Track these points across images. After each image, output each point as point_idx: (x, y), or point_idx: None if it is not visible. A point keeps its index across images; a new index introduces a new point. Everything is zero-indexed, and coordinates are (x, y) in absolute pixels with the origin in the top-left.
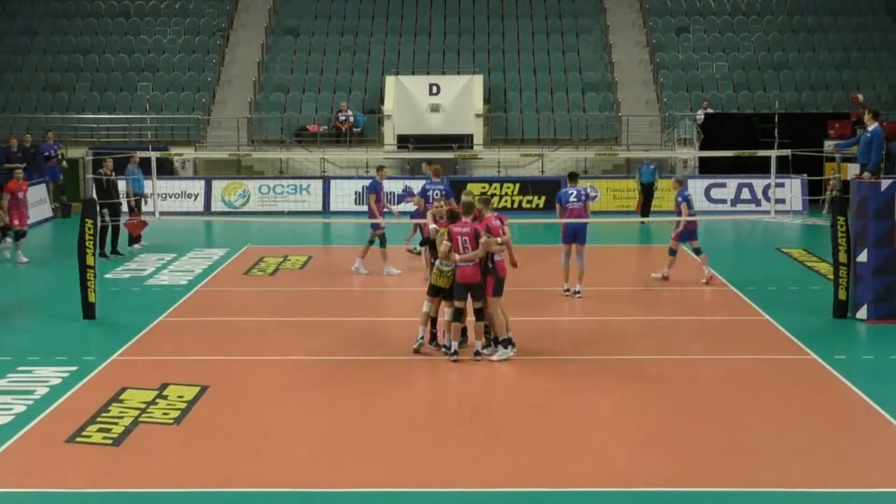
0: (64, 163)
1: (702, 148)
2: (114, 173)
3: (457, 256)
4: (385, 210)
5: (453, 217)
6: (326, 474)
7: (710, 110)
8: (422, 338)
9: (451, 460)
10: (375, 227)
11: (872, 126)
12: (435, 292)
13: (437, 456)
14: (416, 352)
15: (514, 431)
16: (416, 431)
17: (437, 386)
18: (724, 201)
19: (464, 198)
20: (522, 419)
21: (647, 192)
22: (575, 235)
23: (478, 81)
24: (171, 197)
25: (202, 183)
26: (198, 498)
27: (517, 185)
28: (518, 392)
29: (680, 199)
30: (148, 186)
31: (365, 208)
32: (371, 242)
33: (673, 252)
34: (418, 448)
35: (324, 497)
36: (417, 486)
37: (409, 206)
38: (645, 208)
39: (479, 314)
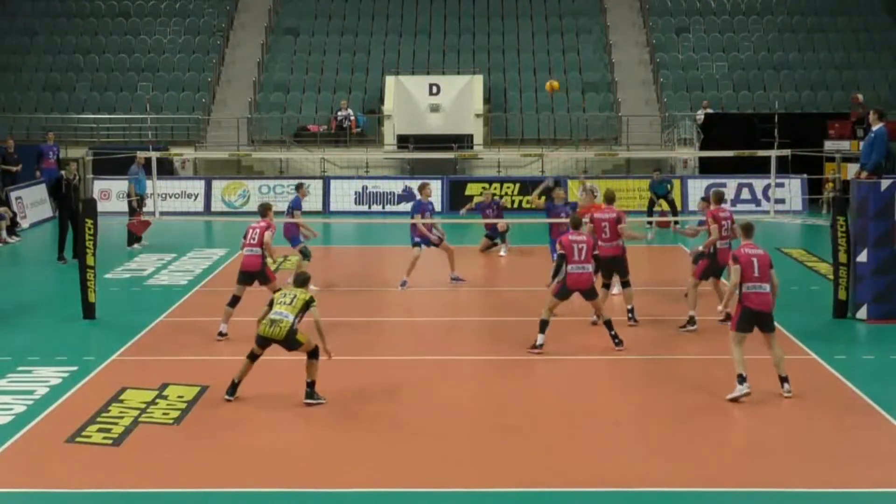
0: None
1: (702, 148)
2: (77, 177)
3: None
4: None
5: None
6: (325, 474)
7: (710, 110)
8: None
9: (452, 460)
10: (425, 242)
11: (878, 126)
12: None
13: (438, 456)
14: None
15: (514, 432)
16: (416, 431)
17: (436, 386)
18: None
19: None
20: (522, 419)
21: (669, 203)
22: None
23: (478, 81)
24: (171, 197)
25: (202, 183)
26: (198, 498)
27: (517, 185)
28: (517, 392)
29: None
30: (149, 186)
31: (364, 208)
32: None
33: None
34: (418, 448)
35: (323, 497)
36: (417, 486)
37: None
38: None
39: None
